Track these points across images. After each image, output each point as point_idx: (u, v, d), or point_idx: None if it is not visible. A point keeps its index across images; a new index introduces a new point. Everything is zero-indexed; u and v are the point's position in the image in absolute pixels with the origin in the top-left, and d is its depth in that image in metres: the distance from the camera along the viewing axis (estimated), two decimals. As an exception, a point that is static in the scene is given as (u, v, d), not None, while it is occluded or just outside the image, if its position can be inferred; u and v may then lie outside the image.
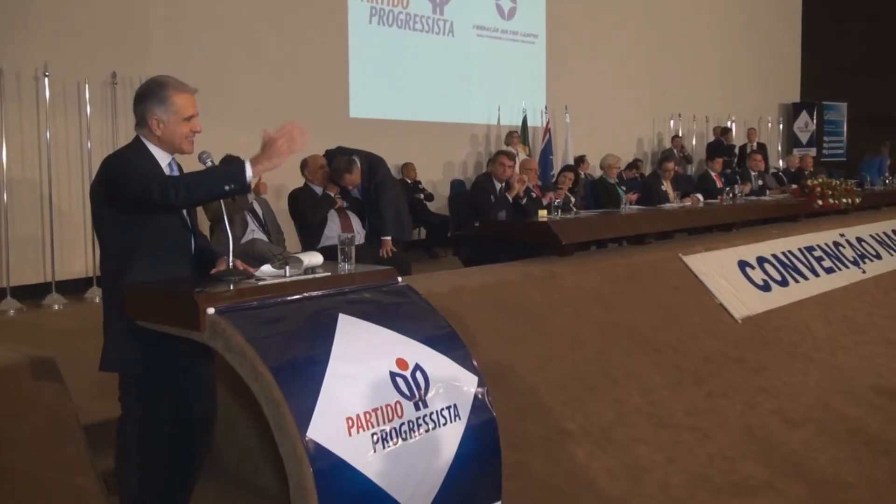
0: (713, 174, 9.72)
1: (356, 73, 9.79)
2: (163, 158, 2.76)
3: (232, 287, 2.54)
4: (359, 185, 6.06)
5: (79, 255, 7.31)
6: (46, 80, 6.89)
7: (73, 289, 7.15)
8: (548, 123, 11.82)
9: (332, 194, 5.90)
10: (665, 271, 5.65)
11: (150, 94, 2.74)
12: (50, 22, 7.12)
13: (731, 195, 8.44)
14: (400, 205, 6.26)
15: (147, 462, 2.75)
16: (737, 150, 13.79)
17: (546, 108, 12.09)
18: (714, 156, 11.16)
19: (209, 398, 2.90)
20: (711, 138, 14.19)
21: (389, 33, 10.24)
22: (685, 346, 4.93)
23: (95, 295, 6.94)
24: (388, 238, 6.04)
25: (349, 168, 5.96)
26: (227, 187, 2.53)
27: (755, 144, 13.92)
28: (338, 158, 6.03)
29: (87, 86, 7.16)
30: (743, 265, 6.27)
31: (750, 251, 6.52)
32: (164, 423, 2.77)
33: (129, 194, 2.56)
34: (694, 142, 14.81)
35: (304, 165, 6.06)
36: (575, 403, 3.99)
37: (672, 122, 14.54)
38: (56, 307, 6.74)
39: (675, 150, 13.02)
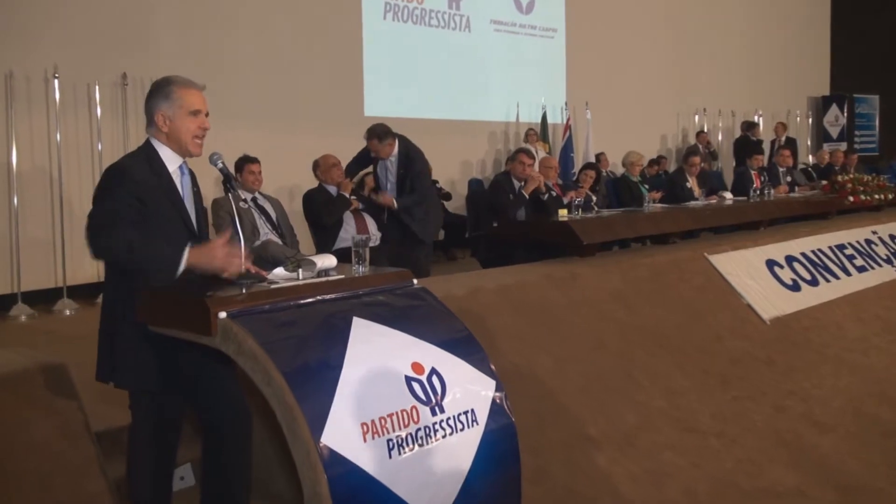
0: (752, 172, 9.45)
1: (371, 71, 9.81)
2: (172, 161, 2.78)
3: (244, 290, 2.56)
4: (384, 159, 6.07)
5: (90, 260, 7.36)
6: (56, 81, 6.95)
7: (85, 294, 7.19)
8: (568, 120, 11.80)
9: (347, 195, 5.93)
10: (689, 271, 5.62)
11: (156, 91, 2.79)
12: (59, 23, 7.19)
13: (758, 193, 8.38)
14: (431, 205, 6.28)
15: (160, 469, 2.77)
16: (765, 146, 13.69)
17: (566, 104, 12.07)
18: (745, 153, 10.98)
19: (231, 402, 2.90)
20: (738, 133, 14.10)
21: (404, 29, 10.27)
22: (711, 348, 4.91)
23: (107, 300, 7.01)
24: (393, 203, 6.03)
25: (385, 136, 5.97)
26: (158, 269, 2.57)
27: (783, 139, 13.80)
28: (379, 124, 6.06)
29: (97, 87, 7.22)
30: (771, 264, 6.23)
31: (778, 250, 6.48)
32: (176, 430, 2.79)
33: (92, 214, 2.62)
34: (720, 137, 14.73)
35: (317, 165, 6.09)
36: (596, 407, 3.99)
37: (697, 117, 14.46)
38: (67, 312, 6.80)
39: (700, 146, 12.95)
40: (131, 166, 2.71)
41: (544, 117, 11.64)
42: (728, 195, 8.52)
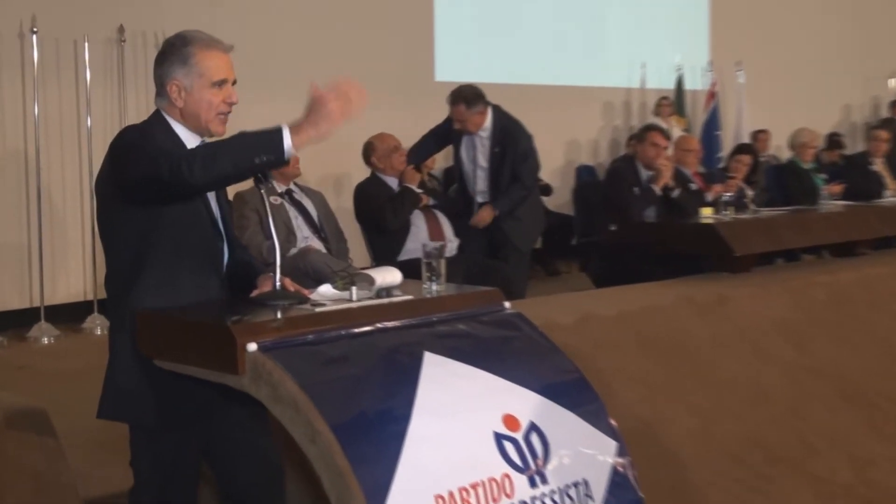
0: None
1: (443, 25, 9.84)
2: (189, 142, 2.83)
3: (280, 315, 2.58)
4: (471, 133, 6.12)
5: (75, 272, 7.47)
6: (34, 38, 7.07)
7: (68, 317, 7.27)
8: (713, 86, 11.65)
9: (415, 187, 5.97)
10: (885, 294, 5.58)
11: (169, 54, 2.82)
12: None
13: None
14: (530, 200, 6.31)
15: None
16: None
17: (710, 64, 11.92)
18: None
19: (262, 457, 2.91)
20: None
21: (489, -35, 10.30)
22: (916, 402, 4.81)
23: (97, 324, 7.10)
24: (490, 210, 6.07)
25: (475, 101, 6.02)
26: (257, 159, 2.55)
27: None
28: (466, 85, 6.13)
29: (85, 45, 7.33)
30: None
31: None
32: (192, 494, 2.83)
33: (132, 174, 2.63)
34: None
35: (371, 149, 6.13)
36: (756, 482, 3.94)
37: (894, 81, 14.14)
38: (45, 340, 6.91)
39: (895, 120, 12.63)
40: (150, 132, 2.76)
41: (680, 83, 11.51)
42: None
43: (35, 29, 7.03)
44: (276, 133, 2.54)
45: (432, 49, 9.76)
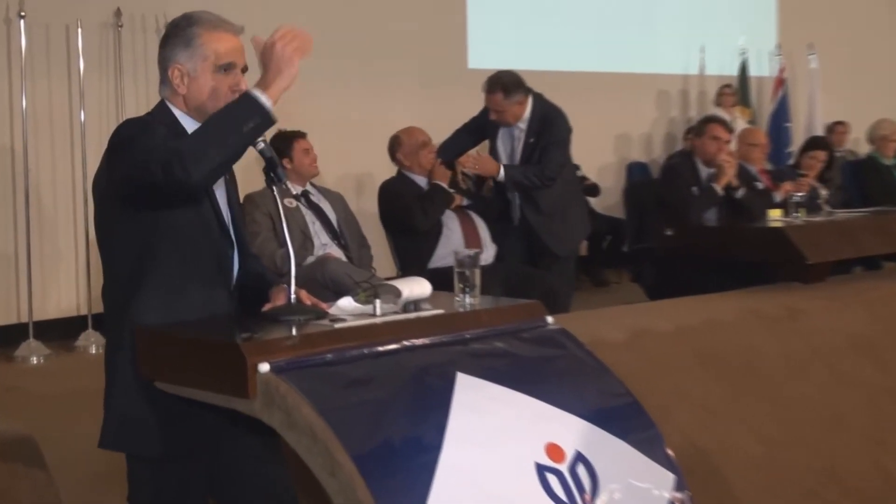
0: None
1: (477, 5, 9.86)
2: (195, 134, 2.84)
3: (295, 331, 2.58)
4: (509, 125, 6.14)
5: (67, 284, 7.51)
6: (22, 23, 7.12)
7: (60, 334, 7.30)
8: (781, 72, 11.62)
9: (446, 185, 5.98)
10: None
11: (171, 36, 2.85)
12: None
13: None
14: (572, 202, 6.33)
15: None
16: None
17: (778, 47, 11.88)
18: None
19: (275, 491, 2.91)
20: None
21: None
22: None
23: (91, 342, 7.13)
24: (493, 163, 6.10)
25: (514, 89, 6.03)
26: (245, 127, 2.57)
27: None
28: (505, 71, 6.14)
29: (79, 30, 7.38)
30: None
31: None
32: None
33: (125, 181, 2.65)
34: None
35: (397, 144, 6.15)
36: (832, 519, 3.91)
37: None
38: (34, 360, 6.95)
39: None
40: (152, 126, 2.77)
41: (744, 68, 11.49)
42: None
43: (22, 13, 7.03)
44: (246, 97, 2.60)
45: (465, 32, 9.77)
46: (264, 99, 2.56)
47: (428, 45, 9.31)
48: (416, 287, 2.87)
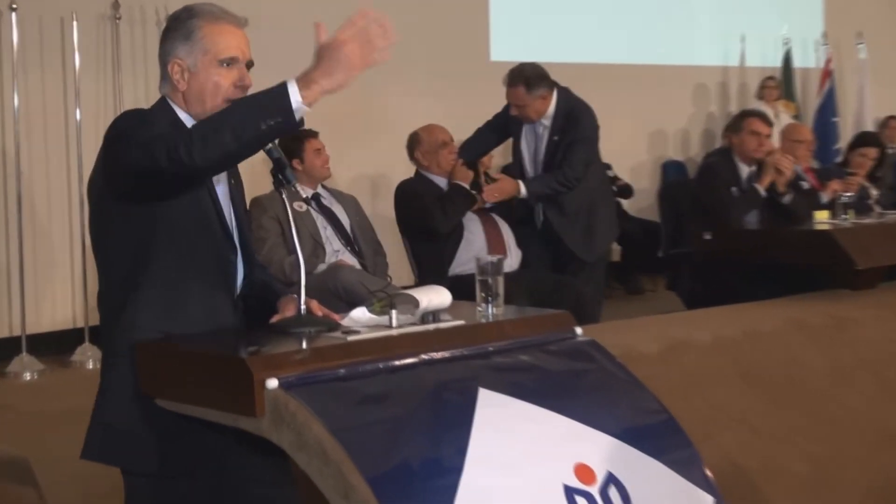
0: None
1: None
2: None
3: (305, 345, 2.60)
4: (532, 121, 6.16)
5: (62, 295, 7.51)
6: (13, 16, 7.14)
7: (55, 348, 7.31)
8: (828, 64, 11.59)
9: (467, 186, 5.99)
10: None
11: (172, 29, 2.87)
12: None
13: None
14: (600, 203, 6.33)
15: None
16: None
17: (825, 36, 11.85)
18: None
19: None
20: None
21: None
22: None
23: (88, 356, 7.14)
24: (513, 184, 6.09)
25: (537, 83, 6.04)
26: (263, 125, 2.50)
27: None
28: (529, 63, 6.17)
29: (74, 24, 7.40)
30: None
31: None
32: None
33: (124, 166, 2.65)
34: None
35: (416, 142, 6.16)
36: (884, 544, 3.92)
37: None
38: (28, 376, 6.97)
39: None
40: (151, 119, 2.78)
41: (788, 59, 11.47)
42: None
43: (14, 5, 7.04)
44: (281, 89, 2.50)
45: (487, 22, 9.78)
46: (297, 97, 2.48)
47: (447, 36, 9.29)
48: (435, 296, 2.87)
